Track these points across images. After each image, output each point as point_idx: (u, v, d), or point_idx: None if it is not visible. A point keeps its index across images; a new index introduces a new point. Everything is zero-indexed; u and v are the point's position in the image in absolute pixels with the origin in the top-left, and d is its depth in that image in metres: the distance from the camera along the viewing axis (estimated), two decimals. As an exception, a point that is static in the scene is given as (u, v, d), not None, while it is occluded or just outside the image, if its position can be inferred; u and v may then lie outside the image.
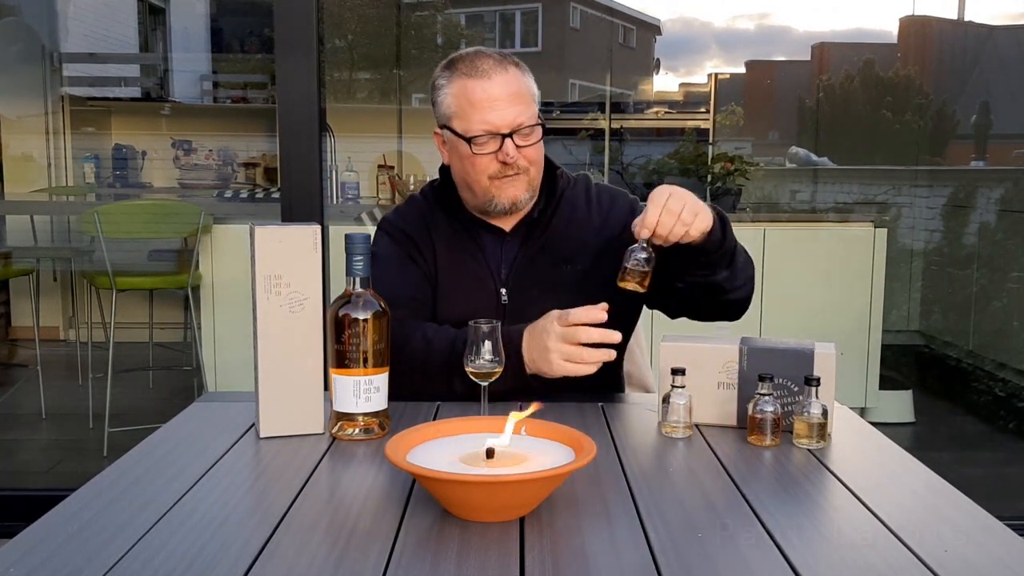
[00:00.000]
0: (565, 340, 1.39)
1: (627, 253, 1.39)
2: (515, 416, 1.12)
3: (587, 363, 1.40)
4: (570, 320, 1.39)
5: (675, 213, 1.38)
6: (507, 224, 1.66)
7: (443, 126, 1.60)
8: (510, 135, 1.54)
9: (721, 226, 1.46)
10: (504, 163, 1.55)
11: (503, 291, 1.63)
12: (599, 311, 1.38)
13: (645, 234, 1.38)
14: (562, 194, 1.68)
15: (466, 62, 1.56)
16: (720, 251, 1.48)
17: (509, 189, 1.58)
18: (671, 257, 1.46)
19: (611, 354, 1.40)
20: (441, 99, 1.59)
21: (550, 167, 1.69)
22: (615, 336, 1.39)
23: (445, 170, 1.68)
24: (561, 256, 1.63)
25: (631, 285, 1.39)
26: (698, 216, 1.39)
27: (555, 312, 1.43)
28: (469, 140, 1.55)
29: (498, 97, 1.53)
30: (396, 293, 1.55)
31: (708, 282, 1.51)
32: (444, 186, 1.68)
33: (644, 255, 1.38)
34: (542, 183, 1.68)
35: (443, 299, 1.64)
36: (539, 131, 1.57)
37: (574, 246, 1.64)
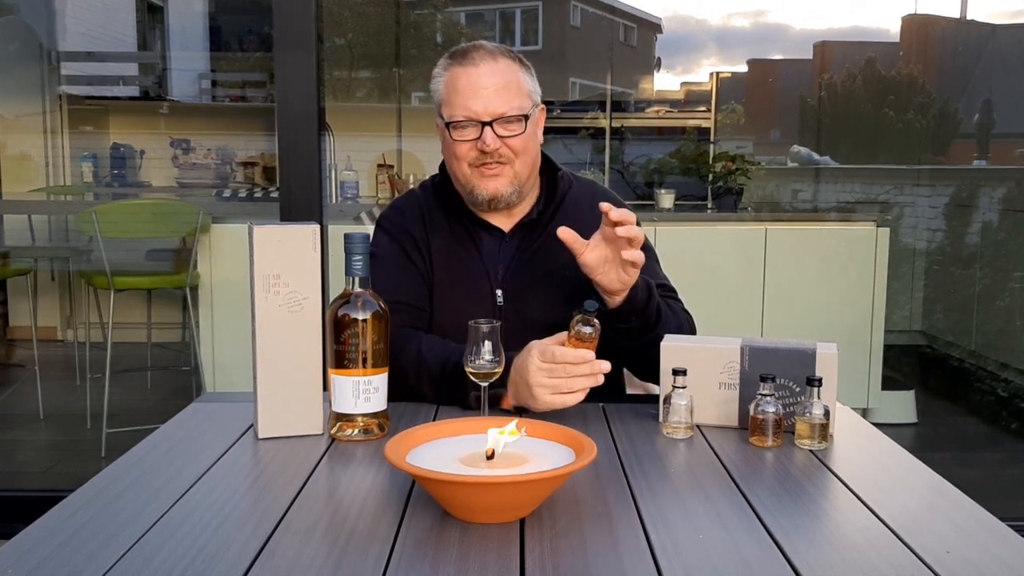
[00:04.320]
0: (549, 375, 1.35)
1: (572, 323, 1.35)
2: (502, 432, 1.10)
3: (574, 392, 1.35)
4: (556, 359, 1.34)
5: (637, 251, 1.39)
6: (506, 224, 1.65)
7: (439, 115, 1.61)
8: (490, 124, 1.53)
9: (647, 294, 1.48)
10: (483, 151, 1.54)
11: (499, 292, 1.61)
12: (587, 354, 1.33)
13: (614, 215, 1.36)
14: (564, 197, 1.66)
15: (461, 51, 1.58)
16: (642, 315, 1.48)
17: (490, 182, 1.57)
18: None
19: (598, 380, 1.35)
20: (435, 87, 1.60)
21: (551, 168, 1.67)
22: (605, 367, 1.34)
23: (445, 165, 1.67)
24: (559, 260, 1.59)
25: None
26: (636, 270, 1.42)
27: (536, 347, 1.37)
28: (449, 126, 1.55)
29: (483, 86, 1.53)
30: (394, 297, 1.54)
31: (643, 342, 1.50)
32: (444, 181, 1.67)
33: (589, 329, 1.34)
34: (543, 184, 1.67)
35: (439, 298, 1.63)
36: (524, 123, 1.55)
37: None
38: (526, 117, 1.56)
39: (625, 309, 1.47)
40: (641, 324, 1.49)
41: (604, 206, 1.40)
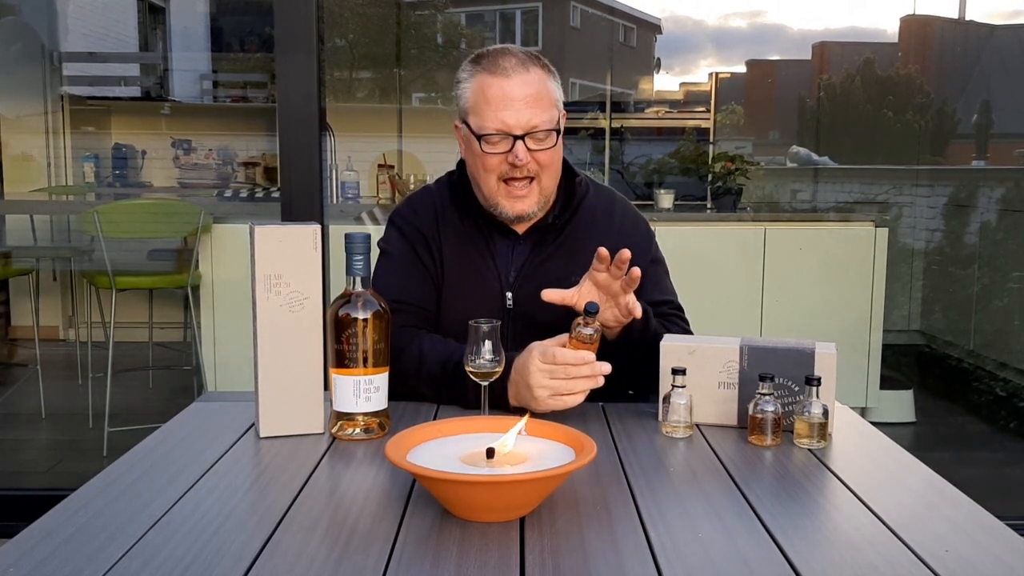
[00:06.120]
0: (550, 376, 1.34)
1: (573, 325, 1.36)
2: (516, 426, 1.12)
3: (574, 394, 1.35)
4: (556, 360, 1.34)
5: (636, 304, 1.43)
6: (520, 227, 1.63)
7: (462, 120, 1.58)
8: (522, 137, 1.51)
9: (643, 324, 1.50)
10: (513, 165, 1.52)
11: (509, 295, 1.61)
12: (588, 355, 1.34)
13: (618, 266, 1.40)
14: (580, 203, 1.65)
15: (489, 58, 1.54)
16: (637, 348, 1.50)
17: (517, 203, 1.55)
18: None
19: (599, 382, 1.34)
20: (461, 92, 1.57)
21: (570, 173, 1.66)
22: (605, 368, 1.34)
23: (463, 162, 1.66)
24: (572, 267, 1.58)
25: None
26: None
27: (536, 348, 1.37)
28: (480, 138, 1.53)
29: (515, 97, 1.51)
30: (400, 297, 1.54)
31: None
32: (461, 180, 1.65)
33: (590, 331, 1.35)
34: (561, 188, 1.66)
35: (447, 298, 1.62)
36: (555, 136, 1.54)
37: (586, 259, 1.58)
38: (558, 132, 1.55)
39: (618, 343, 1.48)
40: (634, 353, 1.50)
41: (602, 251, 1.40)
